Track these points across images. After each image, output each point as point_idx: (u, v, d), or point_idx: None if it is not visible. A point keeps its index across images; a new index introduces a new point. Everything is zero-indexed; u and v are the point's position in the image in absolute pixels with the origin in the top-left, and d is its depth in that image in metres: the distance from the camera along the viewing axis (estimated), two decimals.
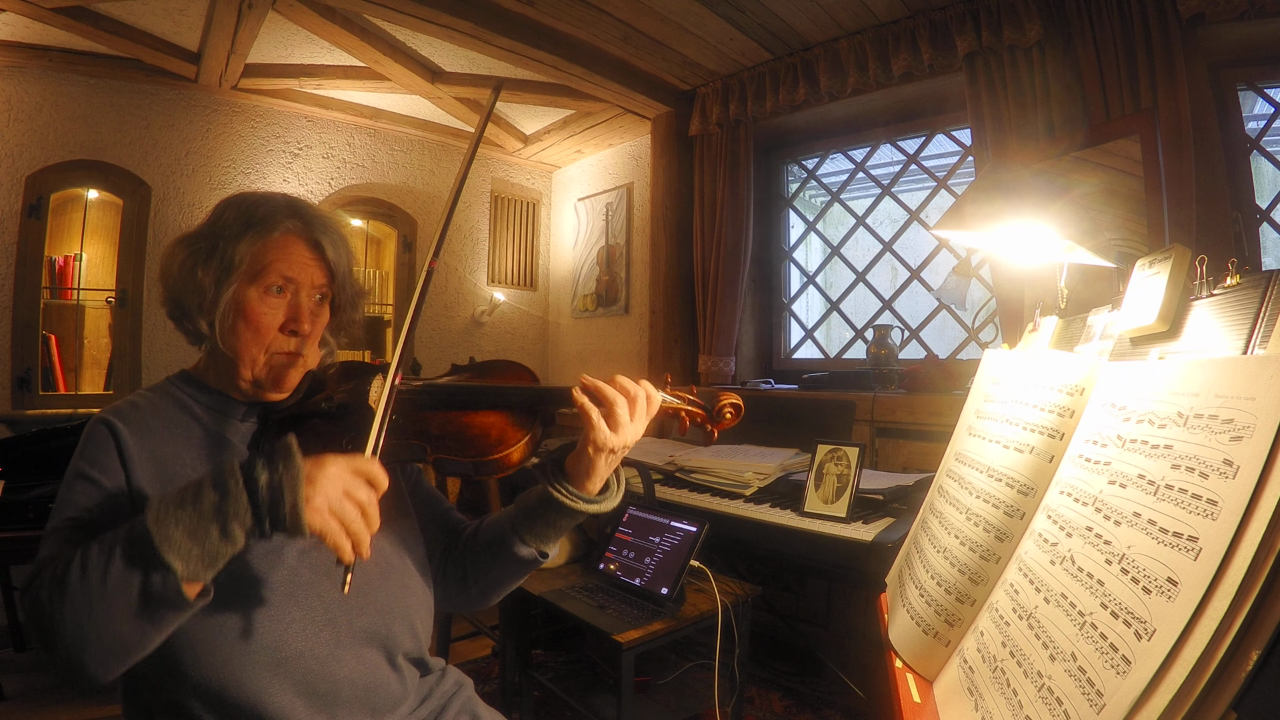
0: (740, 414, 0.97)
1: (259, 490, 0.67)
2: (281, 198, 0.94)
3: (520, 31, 2.67)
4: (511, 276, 4.23)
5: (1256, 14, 1.80)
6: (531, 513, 0.97)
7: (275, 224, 0.90)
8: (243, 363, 0.89)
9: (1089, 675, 0.53)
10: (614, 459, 0.93)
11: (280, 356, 0.91)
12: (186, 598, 0.66)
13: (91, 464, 0.81)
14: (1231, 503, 0.48)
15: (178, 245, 0.90)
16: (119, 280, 2.96)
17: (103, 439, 0.82)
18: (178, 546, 0.65)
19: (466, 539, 1.06)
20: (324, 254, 0.93)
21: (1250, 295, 0.62)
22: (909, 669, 0.87)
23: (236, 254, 0.87)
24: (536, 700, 2.05)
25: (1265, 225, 2.04)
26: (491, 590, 1.05)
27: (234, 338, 0.88)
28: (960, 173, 2.78)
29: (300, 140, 3.46)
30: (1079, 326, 1.02)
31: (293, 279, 0.90)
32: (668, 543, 1.81)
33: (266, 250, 0.89)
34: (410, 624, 0.94)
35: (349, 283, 0.98)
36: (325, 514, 0.69)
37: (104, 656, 0.66)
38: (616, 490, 0.98)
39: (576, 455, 0.94)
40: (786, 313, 3.42)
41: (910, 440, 2.28)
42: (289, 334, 0.91)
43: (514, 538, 0.98)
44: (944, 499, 1.05)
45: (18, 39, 2.65)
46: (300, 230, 0.91)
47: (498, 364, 1.05)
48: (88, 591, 0.65)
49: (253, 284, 0.88)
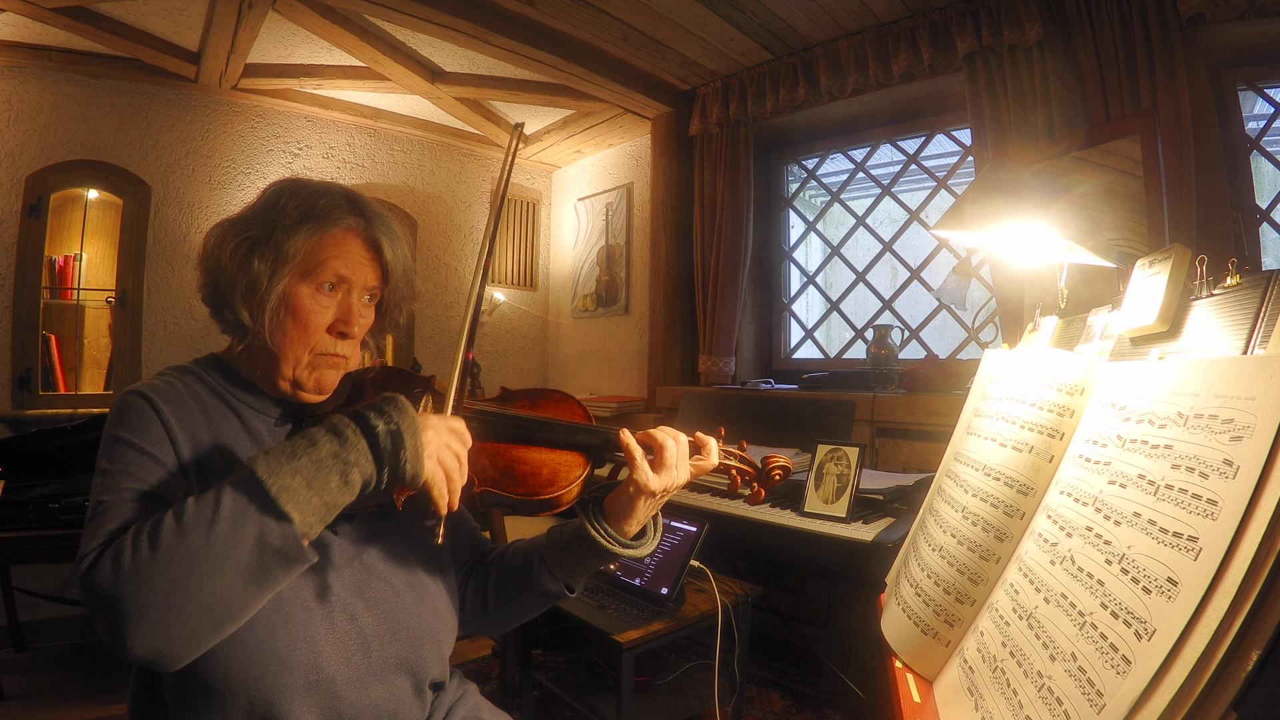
0: (787, 476, 0.98)
1: (378, 436, 0.67)
2: (340, 190, 0.89)
3: (520, 31, 2.67)
4: (511, 276, 4.23)
5: (1256, 14, 1.80)
6: (564, 547, 0.93)
7: (336, 219, 0.85)
8: (285, 361, 0.84)
9: (1089, 675, 0.53)
10: (653, 504, 0.91)
11: (324, 358, 0.86)
12: (304, 551, 0.65)
13: (139, 434, 0.75)
14: (1231, 503, 0.48)
15: (228, 230, 0.84)
16: (119, 280, 2.96)
17: (143, 410, 0.77)
18: (295, 496, 0.63)
19: (490, 563, 1.03)
20: (381, 254, 0.88)
21: (1250, 295, 0.62)
22: (909, 669, 0.87)
23: (293, 246, 0.82)
24: (536, 700, 2.05)
25: (1265, 225, 2.04)
26: (510, 618, 1.02)
27: (280, 334, 0.83)
28: (960, 173, 2.78)
29: (300, 140, 3.46)
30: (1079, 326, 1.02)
31: (346, 278, 0.86)
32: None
33: (324, 246, 0.84)
34: (439, 650, 0.91)
35: (402, 285, 0.94)
36: (435, 463, 0.71)
37: (197, 626, 0.61)
38: (653, 535, 0.96)
39: (616, 495, 0.91)
40: (786, 313, 3.42)
41: (910, 440, 2.28)
42: (337, 335, 0.86)
43: (542, 570, 0.95)
44: (943, 499, 1.05)
45: (18, 39, 2.65)
46: (360, 228, 0.87)
47: (549, 394, 1.01)
48: (188, 552, 0.60)
49: (305, 280, 0.84)
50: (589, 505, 0.92)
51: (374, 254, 0.88)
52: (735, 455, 0.98)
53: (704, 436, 0.94)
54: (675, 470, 0.89)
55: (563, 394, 1.01)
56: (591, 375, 4.04)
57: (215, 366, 0.89)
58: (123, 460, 0.74)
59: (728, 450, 0.98)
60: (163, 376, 0.85)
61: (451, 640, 0.95)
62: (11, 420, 2.69)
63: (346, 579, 0.83)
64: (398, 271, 0.91)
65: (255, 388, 0.88)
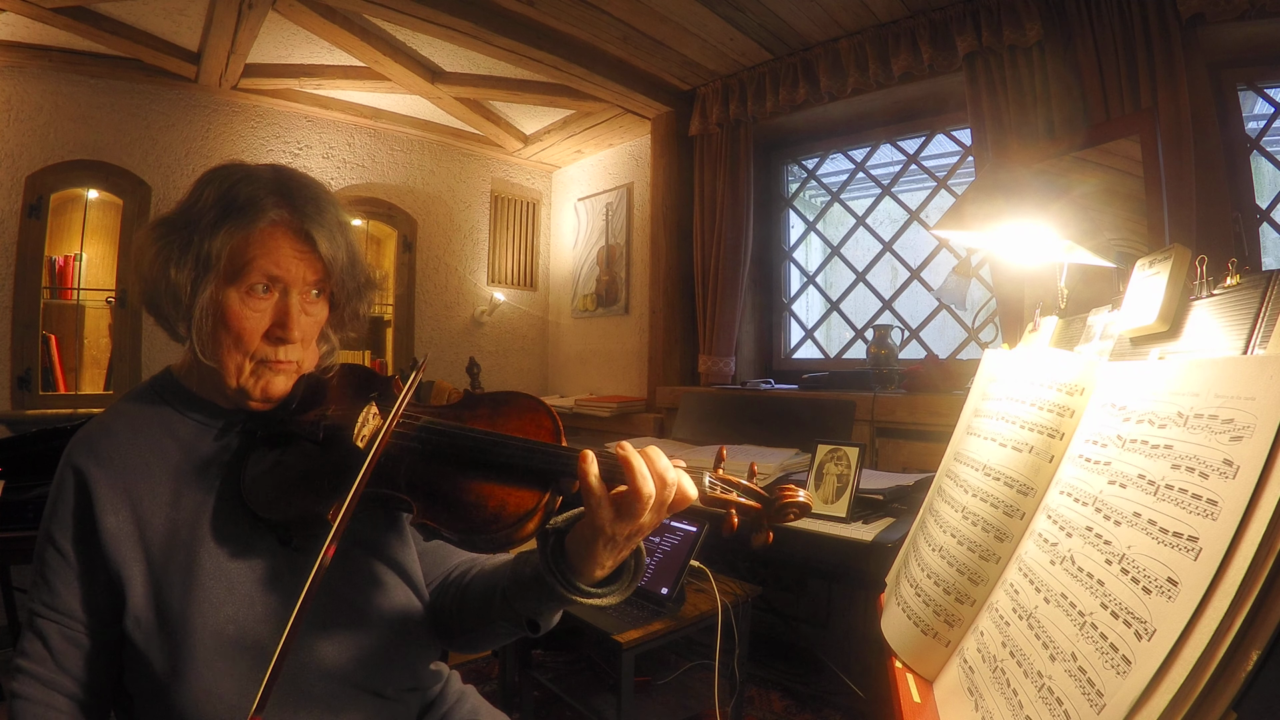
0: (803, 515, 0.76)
1: None
2: (269, 174, 0.80)
3: (520, 31, 2.67)
4: (511, 276, 4.23)
5: (1256, 14, 1.80)
6: (524, 584, 0.80)
7: (259, 212, 0.76)
8: (226, 372, 0.79)
9: (1089, 675, 0.53)
10: (614, 549, 0.73)
11: (268, 365, 0.80)
12: None
13: (59, 527, 0.76)
14: (1231, 503, 0.48)
15: (148, 236, 0.78)
16: (119, 280, 2.95)
17: (65, 490, 0.77)
18: None
19: (456, 584, 0.94)
20: (316, 247, 0.79)
21: (1250, 295, 0.62)
22: (909, 669, 0.87)
23: (213, 249, 0.75)
24: (536, 700, 2.05)
25: (1265, 225, 2.04)
26: (479, 643, 0.94)
27: (214, 345, 0.78)
28: (960, 173, 2.78)
29: (300, 140, 3.46)
30: (1079, 326, 1.02)
31: (279, 278, 0.78)
32: (667, 543, 1.81)
33: (248, 245, 0.76)
34: (412, 668, 0.88)
35: (350, 276, 0.85)
36: None
37: None
38: (629, 580, 0.79)
39: (577, 532, 0.75)
40: (786, 313, 3.42)
41: (910, 440, 2.28)
42: (275, 341, 0.79)
43: (504, 604, 0.83)
44: (943, 499, 1.05)
45: (18, 39, 2.65)
46: (287, 220, 0.78)
47: (515, 400, 0.85)
48: None
49: (233, 284, 0.76)
50: (549, 539, 0.77)
51: (308, 247, 0.79)
52: (738, 487, 0.76)
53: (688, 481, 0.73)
54: (643, 517, 0.70)
55: (533, 400, 0.84)
56: (591, 375, 4.04)
57: (167, 385, 0.86)
58: (43, 561, 0.77)
59: (727, 481, 0.77)
60: (115, 408, 0.84)
61: (429, 651, 0.92)
62: (11, 420, 2.69)
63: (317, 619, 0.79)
64: (340, 263, 0.82)
65: (205, 403, 0.84)
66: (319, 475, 0.79)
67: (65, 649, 0.75)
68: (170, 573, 0.76)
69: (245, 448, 0.83)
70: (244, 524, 0.79)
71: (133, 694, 0.78)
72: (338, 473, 0.77)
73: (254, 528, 0.79)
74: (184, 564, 0.76)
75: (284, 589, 0.79)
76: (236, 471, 0.81)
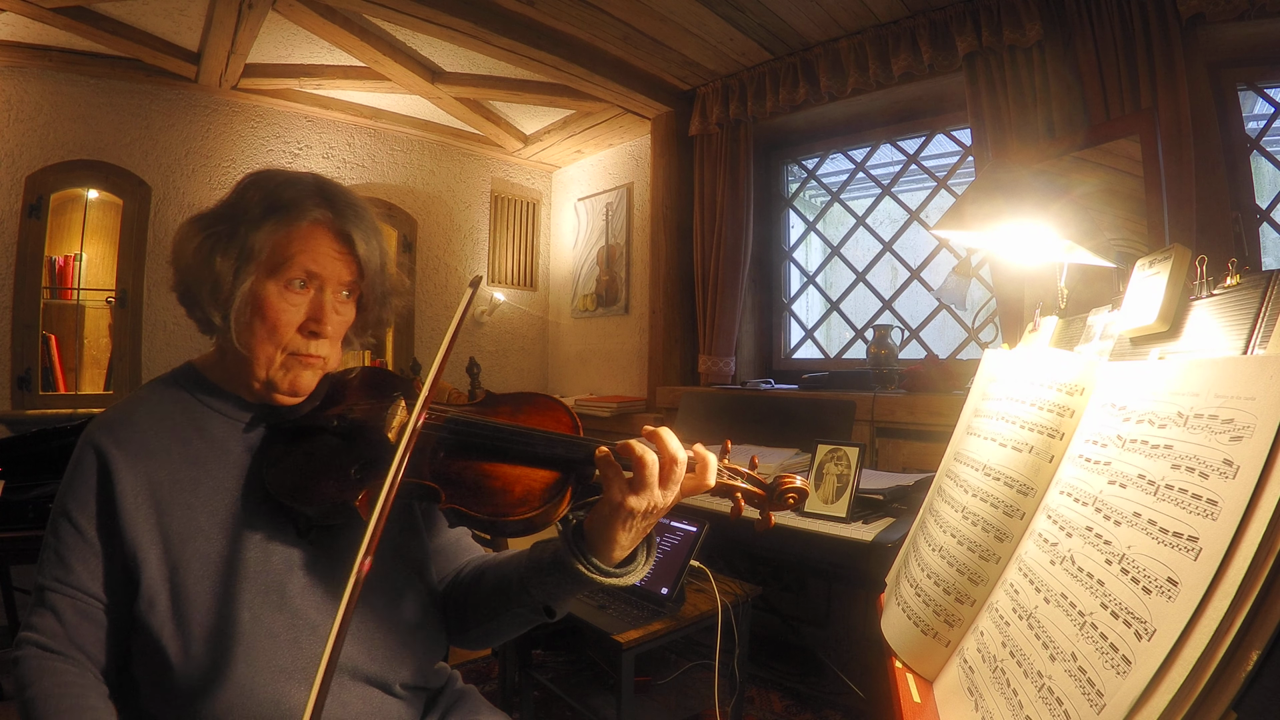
0: (801, 500, 0.84)
1: None
2: (311, 180, 0.85)
3: (520, 31, 2.67)
4: (511, 276, 4.23)
5: (1256, 14, 1.80)
6: (543, 570, 0.84)
7: (302, 211, 0.81)
8: (257, 362, 0.82)
9: (1089, 675, 0.53)
10: (634, 527, 0.78)
11: (298, 358, 0.84)
12: None
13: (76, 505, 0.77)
14: (1231, 503, 0.48)
15: (193, 227, 0.82)
16: (119, 280, 2.96)
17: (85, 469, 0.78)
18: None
19: (470, 577, 0.96)
20: (353, 248, 0.84)
21: (1250, 295, 0.62)
22: (909, 669, 0.87)
23: (257, 242, 0.79)
24: (536, 700, 2.05)
25: (1265, 225, 2.04)
26: (492, 636, 0.96)
27: (249, 335, 0.81)
28: (960, 173, 2.78)
29: (300, 140, 3.46)
30: (1079, 326, 1.02)
31: (316, 274, 0.82)
32: (667, 543, 1.81)
33: (290, 241, 0.81)
34: (420, 665, 0.89)
35: (380, 279, 0.89)
36: None
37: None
38: (644, 561, 0.85)
39: (593, 515, 0.81)
40: (786, 313, 3.42)
41: (910, 440, 2.28)
42: (308, 334, 0.83)
43: (521, 592, 0.86)
44: (943, 499, 1.05)
45: (18, 39, 2.65)
46: (329, 220, 0.83)
47: (535, 399, 0.91)
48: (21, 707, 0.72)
49: (272, 277, 0.80)
50: (569, 526, 0.83)
51: (346, 248, 0.84)
52: (742, 475, 0.85)
53: (703, 451, 0.80)
54: (656, 491, 0.76)
55: (551, 400, 0.91)
56: (591, 375, 4.04)
57: (191, 378, 0.88)
58: (58, 536, 0.77)
59: (733, 469, 0.84)
60: (136, 395, 0.86)
61: (437, 650, 0.93)
62: (11, 420, 2.69)
63: (315, 600, 0.81)
64: (373, 265, 0.87)
65: (230, 395, 0.86)
66: (345, 466, 0.81)
67: (79, 623, 0.75)
68: (187, 558, 0.77)
69: (269, 440, 0.86)
70: (263, 515, 0.81)
71: (140, 680, 0.77)
72: (365, 465, 0.80)
73: (273, 519, 0.81)
74: (201, 551, 0.78)
75: (300, 581, 0.81)
76: (259, 463, 0.84)
